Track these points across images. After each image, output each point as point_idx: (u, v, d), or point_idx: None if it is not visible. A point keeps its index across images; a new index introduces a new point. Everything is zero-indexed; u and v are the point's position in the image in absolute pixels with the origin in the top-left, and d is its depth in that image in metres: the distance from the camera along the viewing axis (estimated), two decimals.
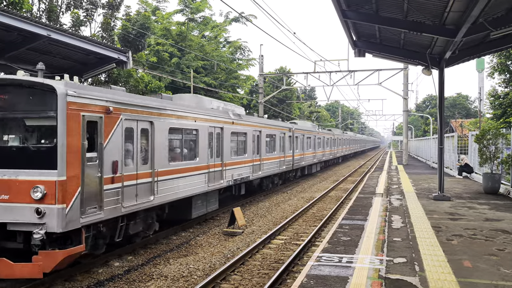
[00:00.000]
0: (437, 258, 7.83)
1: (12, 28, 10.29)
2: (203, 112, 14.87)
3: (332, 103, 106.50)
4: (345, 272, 7.06)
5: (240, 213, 14.78)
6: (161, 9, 38.06)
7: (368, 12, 12.36)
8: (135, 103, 10.80)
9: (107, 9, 22.93)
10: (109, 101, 9.77)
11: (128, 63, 14.85)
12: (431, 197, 15.83)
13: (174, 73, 32.34)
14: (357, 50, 15.74)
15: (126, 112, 10.32)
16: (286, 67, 56.67)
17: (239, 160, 18.26)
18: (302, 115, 64.39)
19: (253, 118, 21.12)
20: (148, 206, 11.26)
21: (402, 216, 12.18)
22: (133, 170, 10.67)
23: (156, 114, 11.68)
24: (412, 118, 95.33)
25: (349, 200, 19.19)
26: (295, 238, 13.70)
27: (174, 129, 12.81)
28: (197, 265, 10.64)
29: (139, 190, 10.81)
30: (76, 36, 12.34)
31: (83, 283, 9.41)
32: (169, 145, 12.45)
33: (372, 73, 34.57)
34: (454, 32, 11.72)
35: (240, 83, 41.91)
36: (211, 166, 15.27)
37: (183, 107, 13.49)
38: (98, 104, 9.42)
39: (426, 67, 15.81)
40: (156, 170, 11.56)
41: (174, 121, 12.70)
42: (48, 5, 20.43)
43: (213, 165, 15.53)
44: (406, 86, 37.91)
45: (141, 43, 22.79)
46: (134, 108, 10.70)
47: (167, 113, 12.28)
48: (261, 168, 21.24)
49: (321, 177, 34.86)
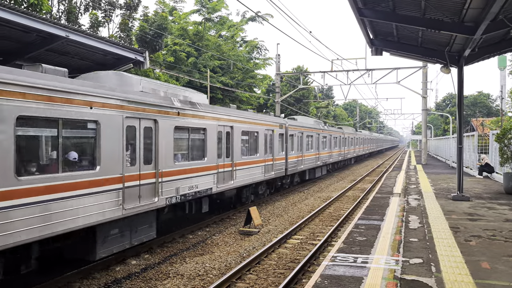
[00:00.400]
0: (454, 259, 7.71)
1: (31, 29, 10.46)
2: (101, 94, 9.34)
3: (350, 102, 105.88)
4: (360, 273, 7.00)
5: (256, 212, 14.80)
6: (178, 9, 38.30)
7: (384, 10, 12.23)
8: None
9: (125, 9, 23.19)
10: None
11: (145, 63, 14.96)
12: (450, 197, 15.59)
13: (191, 73, 32.51)
14: (374, 48, 15.59)
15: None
16: (303, 66, 56.47)
17: (191, 167, 13.00)
18: (319, 114, 64.08)
19: (220, 109, 15.51)
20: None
21: (419, 216, 12.03)
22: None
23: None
24: (431, 117, 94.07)
25: (366, 200, 19.04)
26: (311, 237, 13.65)
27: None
28: (213, 264, 10.68)
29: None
30: (93, 37, 12.47)
31: (101, 280, 9.54)
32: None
33: (390, 72, 34.24)
34: (473, 30, 11.51)
35: (256, 83, 41.91)
36: (129, 179, 10.11)
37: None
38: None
39: (445, 65, 15.56)
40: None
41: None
42: (67, 6, 20.75)
43: (136, 177, 10.43)
44: (425, 84, 37.40)
45: (158, 43, 22.98)
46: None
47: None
48: (233, 177, 15.92)
49: (338, 177, 34.64)
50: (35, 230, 7.61)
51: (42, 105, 7.83)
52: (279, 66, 36.77)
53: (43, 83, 7.91)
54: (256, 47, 42.30)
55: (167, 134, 11.68)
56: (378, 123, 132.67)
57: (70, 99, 8.43)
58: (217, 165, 14.70)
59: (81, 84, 8.95)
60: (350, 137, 45.04)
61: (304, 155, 26.12)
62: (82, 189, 8.67)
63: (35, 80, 7.78)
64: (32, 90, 7.65)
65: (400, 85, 35.00)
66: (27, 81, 7.59)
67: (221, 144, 15.13)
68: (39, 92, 7.79)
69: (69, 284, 9.21)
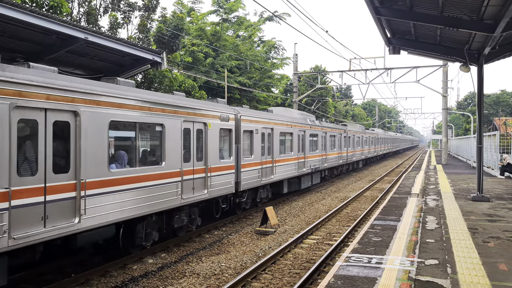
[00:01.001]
0: (471, 261, 7.60)
1: (50, 31, 10.66)
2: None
3: (369, 101, 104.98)
4: (373, 273, 6.96)
5: (272, 212, 14.81)
6: (196, 10, 38.54)
7: (401, 9, 12.11)
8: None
9: (143, 11, 23.44)
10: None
11: (162, 64, 15.10)
12: (470, 197, 15.35)
13: (208, 73, 32.69)
14: (392, 47, 15.43)
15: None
16: (322, 65, 56.22)
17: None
18: (338, 114, 63.71)
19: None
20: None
21: (437, 217, 11.88)
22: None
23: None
24: (453, 116, 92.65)
25: (384, 200, 18.88)
26: (327, 238, 13.60)
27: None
28: (229, 263, 10.74)
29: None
30: (112, 38, 12.65)
31: (118, 279, 9.68)
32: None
33: (410, 71, 33.86)
34: (493, 27, 11.31)
35: (274, 82, 41.89)
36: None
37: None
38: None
39: (464, 64, 15.31)
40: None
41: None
42: (87, 8, 21.08)
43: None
44: (445, 83, 36.88)
45: (175, 44, 23.16)
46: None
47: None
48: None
49: (357, 177, 34.39)
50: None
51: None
52: (297, 65, 36.70)
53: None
54: (274, 47, 42.27)
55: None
56: (398, 122, 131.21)
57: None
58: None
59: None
60: (357, 136, 38.51)
61: (276, 160, 19.04)
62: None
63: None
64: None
65: (419, 84, 34.56)
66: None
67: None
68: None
69: (87, 282, 9.38)
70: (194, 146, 12.80)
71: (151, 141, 11.64)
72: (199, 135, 13.13)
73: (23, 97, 7.46)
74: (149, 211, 10.64)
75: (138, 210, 10.22)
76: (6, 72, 7.31)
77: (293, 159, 21.04)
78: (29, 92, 7.58)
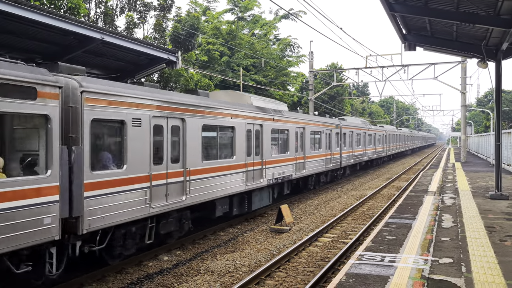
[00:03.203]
0: (486, 260, 7.51)
1: (68, 32, 10.85)
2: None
3: (386, 98, 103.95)
4: (386, 272, 6.93)
5: (287, 210, 14.82)
6: (211, 9, 38.71)
7: (416, 5, 12.00)
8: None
9: (159, 10, 23.66)
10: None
11: (177, 63, 15.20)
12: (488, 196, 15.13)
13: (224, 72, 32.81)
14: (407, 44, 15.29)
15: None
16: (338, 63, 55.90)
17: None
18: (354, 111, 63.28)
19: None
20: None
21: (453, 215, 11.75)
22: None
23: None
24: (472, 113, 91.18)
25: (400, 198, 18.71)
26: (342, 236, 13.56)
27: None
28: (243, 261, 10.80)
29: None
30: (127, 38, 12.81)
31: (134, 275, 9.82)
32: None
33: (427, 67, 33.38)
34: (510, 22, 11.13)
35: (290, 80, 41.81)
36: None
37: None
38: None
39: (482, 60, 15.08)
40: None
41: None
42: (104, 9, 21.37)
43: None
44: (464, 80, 36.32)
45: (191, 43, 23.33)
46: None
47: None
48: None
49: (374, 175, 34.14)
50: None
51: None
52: (313, 63, 36.58)
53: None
54: (289, 45, 42.20)
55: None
56: (416, 120, 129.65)
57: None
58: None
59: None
60: (357, 132, 31.43)
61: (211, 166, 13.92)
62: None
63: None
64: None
65: (437, 80, 34.11)
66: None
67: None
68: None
69: (103, 278, 9.54)
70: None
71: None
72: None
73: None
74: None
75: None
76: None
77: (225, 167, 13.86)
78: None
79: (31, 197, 7.25)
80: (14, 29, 10.20)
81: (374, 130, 37.65)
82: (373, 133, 36.86)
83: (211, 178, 12.59)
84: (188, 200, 11.38)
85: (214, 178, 12.74)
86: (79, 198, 8.17)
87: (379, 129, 40.15)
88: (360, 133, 32.48)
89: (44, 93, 7.50)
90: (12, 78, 7.04)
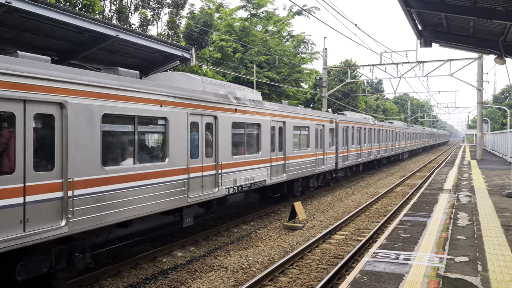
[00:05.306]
0: (503, 258, 7.41)
1: (83, 29, 10.96)
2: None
3: (400, 95, 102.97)
4: (401, 269, 6.88)
5: (300, 207, 14.79)
6: (224, 6, 38.71)
7: (432, 0, 11.83)
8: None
9: (172, 8, 23.75)
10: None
11: (191, 60, 15.25)
12: (504, 194, 14.92)
13: (237, 69, 32.82)
14: (423, 40, 15.09)
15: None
16: (352, 59, 55.53)
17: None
18: (368, 108, 62.82)
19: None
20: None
21: (469, 214, 11.61)
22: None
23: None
24: (488, 111, 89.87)
25: (415, 196, 18.56)
26: (356, 233, 13.50)
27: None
28: (257, 258, 10.82)
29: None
30: (141, 35, 12.88)
31: (148, 271, 9.91)
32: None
33: (443, 64, 32.98)
34: None
35: (303, 77, 41.66)
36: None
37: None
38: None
39: (499, 56, 14.82)
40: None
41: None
42: (118, 6, 21.51)
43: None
44: (480, 76, 35.78)
45: (204, 40, 23.38)
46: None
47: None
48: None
49: (387, 172, 33.90)
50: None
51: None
52: (326, 60, 36.38)
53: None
54: (303, 42, 42.03)
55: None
56: (431, 117, 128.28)
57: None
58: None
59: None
60: (356, 128, 27.36)
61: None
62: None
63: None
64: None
65: (453, 77, 33.68)
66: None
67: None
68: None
69: (119, 274, 9.64)
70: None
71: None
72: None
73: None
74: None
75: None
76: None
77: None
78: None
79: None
80: (30, 26, 10.33)
81: (379, 126, 34.09)
82: (383, 129, 34.52)
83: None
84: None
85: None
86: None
87: (387, 125, 36.63)
88: (370, 129, 30.54)
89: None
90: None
